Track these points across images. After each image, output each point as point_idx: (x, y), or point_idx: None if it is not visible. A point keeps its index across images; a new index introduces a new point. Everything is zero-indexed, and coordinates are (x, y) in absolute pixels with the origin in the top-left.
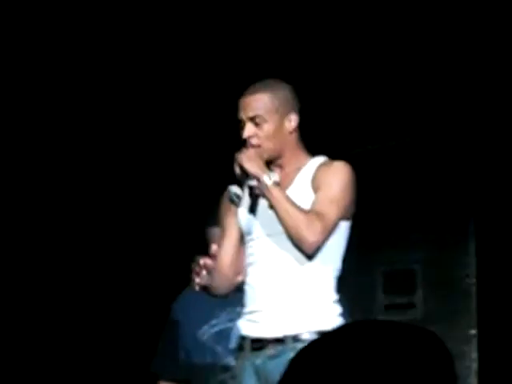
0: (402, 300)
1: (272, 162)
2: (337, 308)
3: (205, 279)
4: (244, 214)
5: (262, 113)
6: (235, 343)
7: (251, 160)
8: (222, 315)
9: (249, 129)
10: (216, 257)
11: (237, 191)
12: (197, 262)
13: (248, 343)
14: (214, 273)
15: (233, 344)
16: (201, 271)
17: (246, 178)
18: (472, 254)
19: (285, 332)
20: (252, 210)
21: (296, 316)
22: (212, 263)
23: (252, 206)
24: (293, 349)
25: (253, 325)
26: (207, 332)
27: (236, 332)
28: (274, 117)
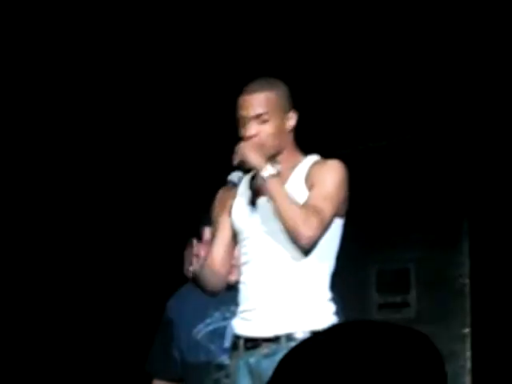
0: (396, 299)
1: (270, 160)
2: (331, 306)
3: (196, 268)
4: (238, 213)
5: (267, 111)
6: (229, 342)
7: (252, 151)
8: (217, 314)
9: (253, 127)
10: (208, 244)
11: (239, 174)
12: (191, 247)
13: (242, 342)
14: (207, 270)
15: (227, 343)
16: (193, 259)
17: (246, 169)
18: (466, 254)
19: (279, 331)
20: (252, 203)
21: (290, 315)
22: (204, 255)
23: (251, 200)
24: (287, 348)
25: (247, 324)
26: (202, 331)
27: (230, 331)
28: (278, 115)
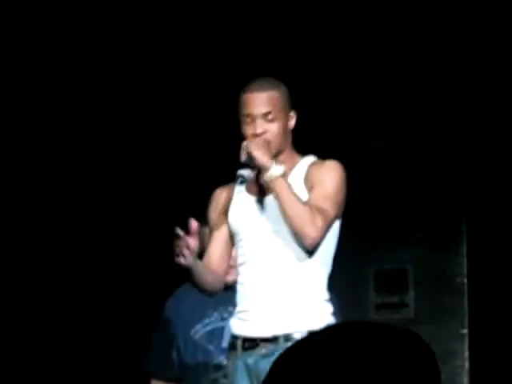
0: (394, 299)
1: (273, 160)
2: (328, 307)
3: (190, 260)
4: (235, 213)
5: (274, 110)
6: (227, 342)
7: (260, 149)
8: (215, 314)
9: (261, 124)
10: (195, 235)
11: (245, 174)
12: (179, 238)
13: (240, 342)
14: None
15: (225, 343)
16: (185, 250)
17: (252, 167)
18: (463, 254)
19: (277, 331)
20: (260, 202)
21: (288, 315)
22: (195, 244)
23: (258, 199)
24: (284, 348)
25: (245, 324)
26: (200, 331)
27: (228, 331)
28: (283, 114)
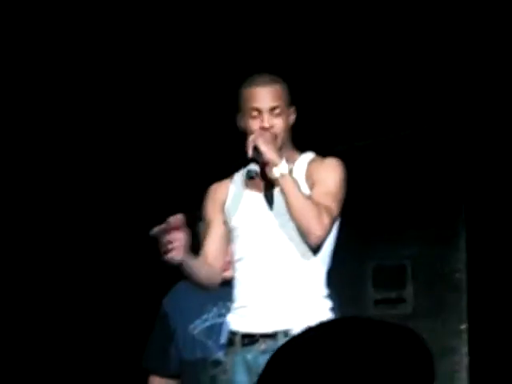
0: (393, 295)
1: None
2: (327, 303)
3: (178, 255)
4: (233, 209)
5: (281, 104)
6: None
7: (269, 143)
8: (214, 310)
9: (269, 119)
10: (179, 229)
11: (256, 168)
12: (164, 234)
13: (239, 338)
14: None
15: (224, 339)
16: (168, 246)
17: (259, 162)
18: (462, 250)
19: (276, 327)
20: (268, 200)
21: (287, 311)
22: (180, 237)
23: (267, 196)
24: None
25: (243, 320)
26: (198, 327)
27: (227, 327)
28: (286, 109)
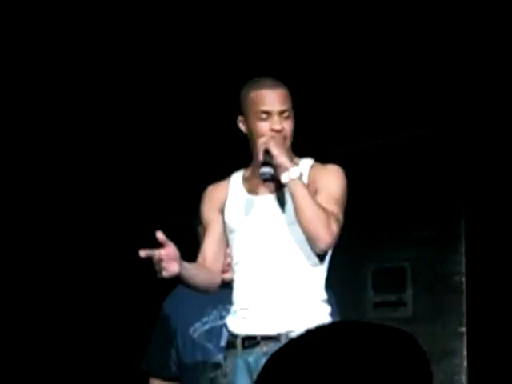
0: (392, 298)
1: None
2: (326, 307)
3: (173, 269)
4: (232, 211)
5: (289, 107)
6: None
7: (280, 147)
8: (214, 313)
9: (281, 121)
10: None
11: (270, 170)
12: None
13: (240, 341)
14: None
15: (224, 342)
16: (160, 265)
17: (269, 164)
18: (462, 253)
19: (278, 329)
20: (280, 200)
21: (289, 314)
22: (167, 252)
23: (278, 195)
24: None
25: (244, 322)
26: (198, 330)
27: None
28: (292, 113)
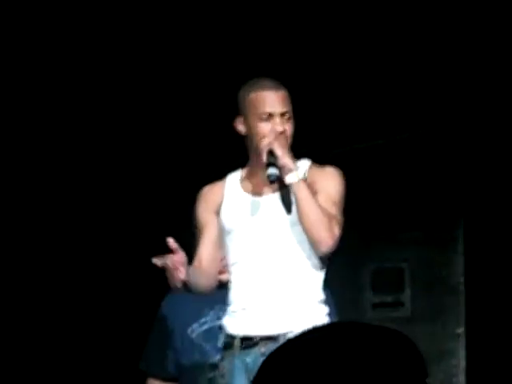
0: (391, 298)
1: None
2: (324, 308)
3: (183, 275)
4: (229, 212)
5: (289, 109)
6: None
7: (284, 148)
8: (211, 313)
9: (282, 123)
10: (177, 251)
11: (276, 172)
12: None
13: (237, 341)
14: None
15: (220, 342)
16: (175, 274)
17: (273, 165)
18: (460, 253)
19: (277, 330)
20: (287, 206)
21: (287, 314)
22: (178, 258)
23: (283, 200)
24: None
25: (242, 322)
26: (196, 330)
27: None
28: (292, 114)
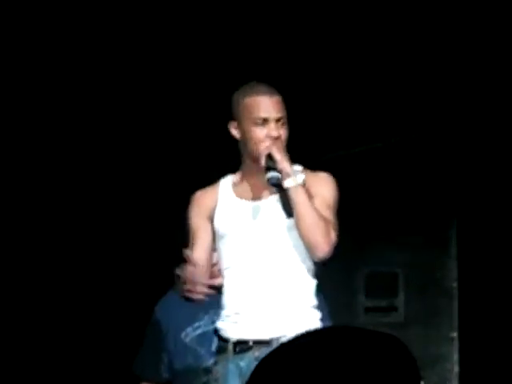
0: (384, 303)
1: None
2: (316, 313)
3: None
4: (223, 217)
5: (284, 115)
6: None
7: (282, 152)
8: (205, 317)
9: (278, 128)
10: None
11: (277, 175)
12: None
13: (231, 345)
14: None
15: (214, 346)
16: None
17: (272, 170)
18: (454, 258)
19: (271, 334)
20: (287, 209)
21: (281, 318)
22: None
23: (285, 204)
24: None
25: (236, 327)
26: (190, 334)
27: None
28: (286, 120)
